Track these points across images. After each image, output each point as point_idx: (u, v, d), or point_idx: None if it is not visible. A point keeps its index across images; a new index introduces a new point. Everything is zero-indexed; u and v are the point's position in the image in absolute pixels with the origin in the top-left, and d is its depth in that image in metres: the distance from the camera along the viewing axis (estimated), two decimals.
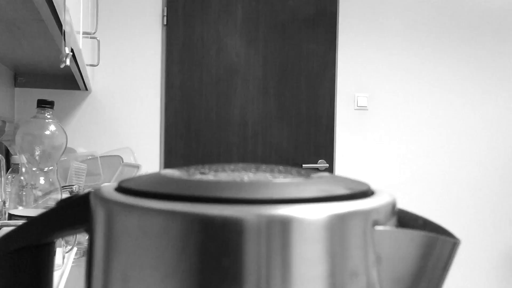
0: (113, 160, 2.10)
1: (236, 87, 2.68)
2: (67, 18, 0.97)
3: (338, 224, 0.25)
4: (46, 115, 1.21)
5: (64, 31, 0.97)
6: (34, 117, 1.22)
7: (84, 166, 1.86)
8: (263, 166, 0.32)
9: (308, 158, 2.77)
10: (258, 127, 2.70)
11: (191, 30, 2.64)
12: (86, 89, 2.46)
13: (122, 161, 2.11)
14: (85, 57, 1.78)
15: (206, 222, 0.24)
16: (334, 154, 2.84)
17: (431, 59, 2.97)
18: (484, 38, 3.02)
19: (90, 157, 2.01)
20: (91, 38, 2.09)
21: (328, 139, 2.81)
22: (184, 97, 2.64)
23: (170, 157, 2.63)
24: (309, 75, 2.76)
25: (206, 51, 2.66)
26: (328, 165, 2.82)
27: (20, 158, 1.20)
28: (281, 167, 0.32)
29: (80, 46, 1.46)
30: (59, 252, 1.06)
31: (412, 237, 0.26)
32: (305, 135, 2.76)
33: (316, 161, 2.80)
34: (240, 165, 0.32)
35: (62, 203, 0.33)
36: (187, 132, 2.65)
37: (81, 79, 2.06)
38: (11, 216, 1.09)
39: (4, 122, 1.86)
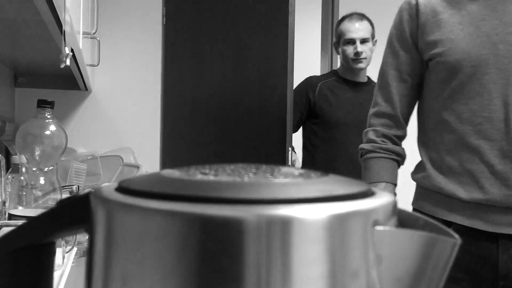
0: (113, 160, 2.11)
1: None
2: (67, 18, 0.97)
3: (338, 224, 0.25)
4: (46, 115, 1.21)
5: (64, 31, 0.97)
6: (34, 117, 1.22)
7: (84, 166, 1.87)
8: (263, 166, 0.32)
9: None
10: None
11: (191, 30, 2.64)
12: (86, 89, 2.47)
13: (122, 161, 2.11)
14: (85, 57, 1.78)
15: (206, 222, 0.24)
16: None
17: None
18: None
19: (90, 157, 2.01)
20: (91, 38, 2.09)
21: None
22: (184, 97, 2.64)
23: (170, 157, 2.63)
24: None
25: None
26: None
27: (20, 158, 1.20)
28: (281, 167, 0.32)
29: (80, 46, 1.47)
30: (59, 252, 1.06)
31: (412, 237, 0.26)
32: None
33: None
34: (240, 165, 0.32)
35: (62, 203, 0.33)
36: (187, 132, 2.65)
37: (81, 79, 2.06)
38: (11, 216, 1.09)
39: (4, 122, 1.86)
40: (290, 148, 2.45)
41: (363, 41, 2.21)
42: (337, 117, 2.22)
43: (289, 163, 2.45)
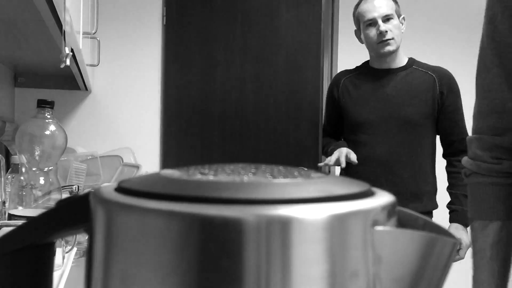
0: (113, 160, 2.11)
1: (237, 85, 2.68)
2: (67, 18, 0.97)
3: (338, 224, 0.25)
4: (46, 115, 1.21)
5: (64, 31, 0.97)
6: (34, 117, 1.22)
7: (84, 166, 1.87)
8: (263, 166, 0.32)
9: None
10: (260, 126, 2.69)
11: (191, 30, 2.64)
12: (86, 89, 2.46)
13: (122, 161, 2.11)
14: (85, 57, 1.78)
15: (206, 222, 0.24)
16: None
17: (432, 58, 2.97)
18: None
19: (90, 157, 2.01)
20: (91, 38, 2.09)
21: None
22: (184, 97, 2.64)
23: (170, 157, 2.63)
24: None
25: (206, 51, 2.65)
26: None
27: (20, 158, 1.21)
28: (281, 167, 0.32)
29: (80, 46, 1.46)
30: (59, 252, 1.06)
31: (412, 237, 0.26)
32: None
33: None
34: (240, 165, 0.32)
35: (62, 203, 0.33)
36: (187, 132, 2.65)
37: (81, 79, 2.06)
38: (11, 216, 1.09)
39: (4, 122, 1.86)
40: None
41: (386, 18, 1.82)
42: (359, 115, 1.89)
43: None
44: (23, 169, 1.19)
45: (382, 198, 0.28)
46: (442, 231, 0.27)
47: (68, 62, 1.02)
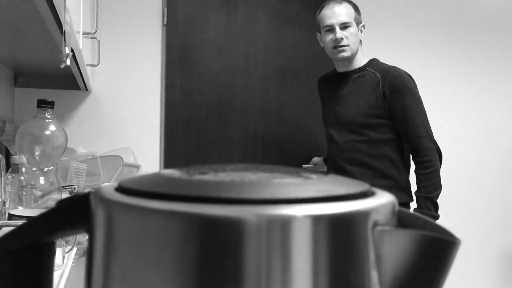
0: (113, 160, 2.11)
1: (236, 86, 2.68)
2: (67, 18, 0.97)
3: (338, 224, 0.25)
4: (46, 115, 1.21)
5: (64, 31, 0.97)
6: (34, 117, 1.22)
7: (84, 166, 1.87)
8: (263, 166, 0.32)
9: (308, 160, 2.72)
10: (258, 127, 2.70)
11: (191, 30, 2.64)
12: (86, 89, 2.46)
13: (122, 161, 2.11)
14: (85, 57, 1.78)
15: (206, 222, 0.24)
16: None
17: (430, 58, 2.97)
18: (485, 37, 3.02)
19: (90, 157, 2.01)
20: (91, 38, 2.09)
21: None
22: (184, 97, 2.64)
23: (170, 157, 2.63)
24: (311, 72, 2.75)
25: (206, 51, 2.65)
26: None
27: (20, 158, 1.21)
28: (281, 167, 0.32)
29: (80, 46, 1.46)
30: (59, 252, 1.06)
31: (412, 237, 0.26)
32: (306, 135, 2.75)
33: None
34: (240, 165, 0.32)
35: (62, 203, 0.33)
36: (187, 132, 2.65)
37: (81, 79, 2.06)
38: (11, 216, 1.09)
39: (4, 122, 1.86)
40: None
41: (344, 26, 1.92)
42: (324, 117, 2.09)
43: None
44: (23, 169, 1.19)
45: (382, 198, 0.28)
46: (442, 231, 0.27)
47: (68, 62, 1.02)
